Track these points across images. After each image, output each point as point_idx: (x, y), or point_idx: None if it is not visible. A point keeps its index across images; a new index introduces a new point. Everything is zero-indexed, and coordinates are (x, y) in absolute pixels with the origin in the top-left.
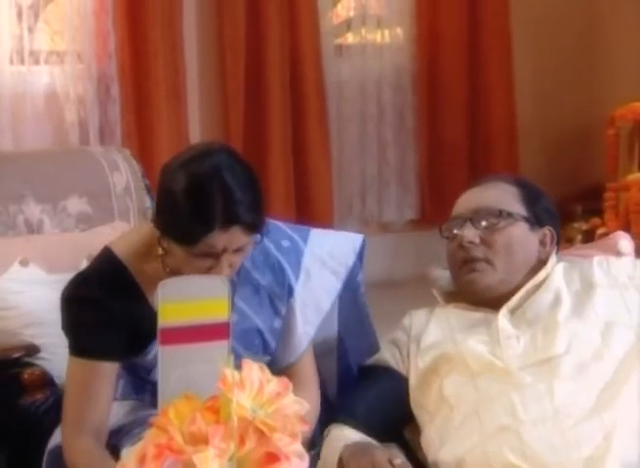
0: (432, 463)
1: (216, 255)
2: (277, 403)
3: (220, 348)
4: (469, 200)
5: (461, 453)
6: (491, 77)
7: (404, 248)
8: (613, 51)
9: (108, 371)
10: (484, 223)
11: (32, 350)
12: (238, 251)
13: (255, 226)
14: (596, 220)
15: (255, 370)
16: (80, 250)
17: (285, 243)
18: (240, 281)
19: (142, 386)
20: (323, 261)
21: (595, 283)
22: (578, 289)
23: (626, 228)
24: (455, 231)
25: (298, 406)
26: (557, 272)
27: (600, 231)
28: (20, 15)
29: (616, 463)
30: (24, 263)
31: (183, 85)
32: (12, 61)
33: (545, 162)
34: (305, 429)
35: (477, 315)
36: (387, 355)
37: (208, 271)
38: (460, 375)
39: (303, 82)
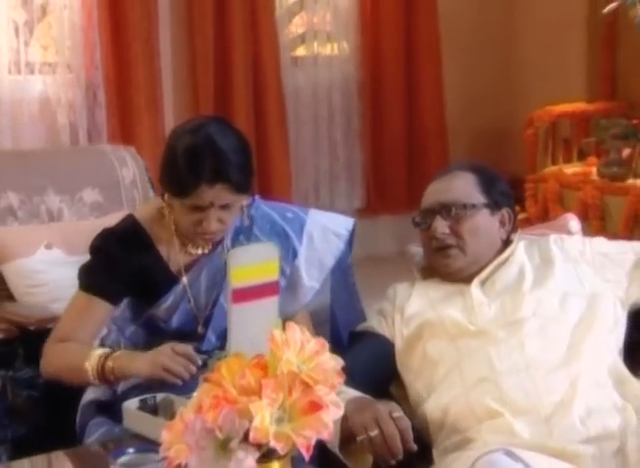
0: (420, 413)
1: (204, 209)
2: (316, 359)
3: (274, 302)
4: (436, 192)
5: (446, 403)
6: (424, 85)
7: None
8: (530, 63)
9: (101, 310)
10: (451, 215)
11: None
12: (226, 207)
13: (239, 186)
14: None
15: (297, 332)
16: (94, 235)
17: (289, 214)
18: None
19: (160, 344)
20: (325, 226)
21: (553, 258)
22: (538, 263)
23: (544, 214)
24: (426, 223)
25: (333, 362)
26: (520, 249)
27: (521, 217)
28: (16, 30)
29: (581, 406)
30: (49, 247)
31: (160, 92)
32: (10, 71)
33: (472, 157)
34: (341, 381)
35: (452, 287)
36: (375, 322)
37: (199, 224)
38: (440, 339)
39: (265, 89)
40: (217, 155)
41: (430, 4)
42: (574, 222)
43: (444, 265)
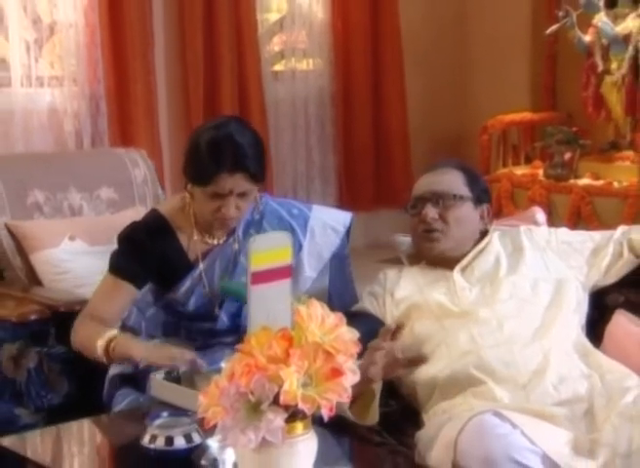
0: (409, 382)
1: (223, 196)
2: (336, 331)
3: (287, 284)
4: (428, 183)
5: (434, 373)
6: (389, 96)
7: None
8: (481, 77)
9: (126, 292)
10: (441, 204)
11: None
12: (242, 195)
13: (255, 176)
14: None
15: (317, 308)
16: (111, 228)
17: (295, 211)
18: None
19: (178, 324)
20: (325, 222)
21: (523, 247)
22: (510, 251)
23: (499, 210)
24: (418, 209)
25: (351, 334)
26: (495, 239)
27: None
28: (27, 48)
29: (553, 374)
30: (72, 238)
31: (156, 103)
32: (22, 85)
33: (432, 161)
34: (358, 351)
35: (437, 273)
36: (367, 303)
37: (218, 210)
38: (427, 319)
39: (248, 100)
40: (236, 148)
41: (394, 25)
42: (540, 215)
43: (428, 248)
